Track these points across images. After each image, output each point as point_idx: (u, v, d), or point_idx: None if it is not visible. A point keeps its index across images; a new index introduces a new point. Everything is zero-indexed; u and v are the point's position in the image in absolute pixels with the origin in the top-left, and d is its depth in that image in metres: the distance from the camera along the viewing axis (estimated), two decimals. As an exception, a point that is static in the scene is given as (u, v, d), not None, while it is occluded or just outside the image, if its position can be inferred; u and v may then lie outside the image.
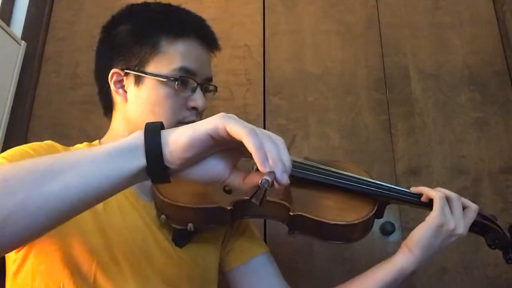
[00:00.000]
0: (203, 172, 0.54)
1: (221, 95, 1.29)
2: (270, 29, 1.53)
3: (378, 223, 1.24)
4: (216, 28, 0.90)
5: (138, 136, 0.51)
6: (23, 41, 1.54)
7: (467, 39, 1.44)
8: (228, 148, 0.55)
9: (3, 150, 1.41)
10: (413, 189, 0.84)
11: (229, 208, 0.73)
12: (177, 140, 0.50)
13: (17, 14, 1.63)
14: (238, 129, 0.49)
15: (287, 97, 1.44)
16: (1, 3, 1.60)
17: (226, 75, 1.46)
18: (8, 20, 1.60)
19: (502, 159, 1.31)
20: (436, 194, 0.79)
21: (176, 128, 0.52)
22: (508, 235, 0.83)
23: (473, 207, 0.81)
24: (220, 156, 0.55)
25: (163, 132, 0.51)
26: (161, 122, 0.53)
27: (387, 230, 1.24)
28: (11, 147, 1.42)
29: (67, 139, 1.47)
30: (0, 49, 1.44)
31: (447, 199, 0.79)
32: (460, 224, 0.77)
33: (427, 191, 0.81)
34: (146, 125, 0.53)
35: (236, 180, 0.56)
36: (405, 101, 1.40)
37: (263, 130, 0.52)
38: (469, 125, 1.35)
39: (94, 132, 1.45)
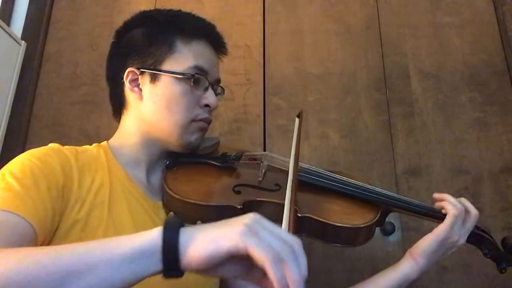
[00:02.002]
0: (219, 274, 0.51)
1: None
2: (270, 29, 1.53)
3: (378, 223, 1.24)
4: (216, 28, 0.90)
5: (156, 238, 0.49)
6: (23, 41, 1.54)
7: (467, 39, 1.44)
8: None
9: (3, 150, 1.42)
10: (437, 195, 0.86)
11: (239, 207, 0.75)
12: (196, 253, 0.47)
13: (17, 14, 1.63)
14: (260, 256, 0.46)
15: (287, 97, 1.44)
16: (1, 3, 1.60)
17: (226, 75, 1.45)
18: (8, 20, 1.60)
19: (502, 159, 1.31)
20: (452, 211, 0.81)
21: (197, 231, 0.49)
22: (500, 247, 0.87)
23: (473, 215, 0.84)
24: (237, 260, 0.50)
25: (181, 237, 0.48)
26: (181, 223, 0.50)
27: (387, 230, 1.24)
28: (11, 147, 1.44)
29: (67, 139, 1.47)
30: (0, 49, 1.44)
31: (464, 215, 0.82)
32: (462, 237, 0.82)
33: (446, 204, 0.83)
34: (164, 225, 0.50)
35: (253, 283, 0.52)
36: (405, 101, 1.40)
37: (284, 237, 0.48)
38: (469, 125, 1.35)
39: (94, 132, 1.45)
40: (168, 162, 0.84)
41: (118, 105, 0.88)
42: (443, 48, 1.44)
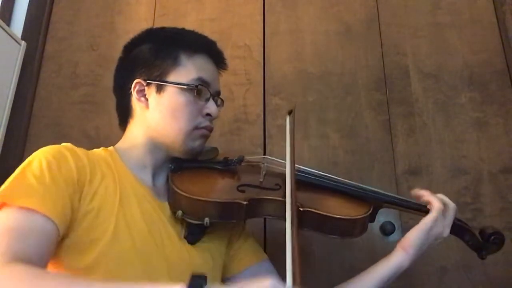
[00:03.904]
0: None
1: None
2: (270, 29, 1.53)
3: (378, 223, 1.24)
4: (216, 28, 0.91)
5: None
6: (23, 41, 1.54)
7: (467, 39, 1.44)
8: None
9: (3, 150, 1.42)
10: (415, 192, 0.93)
11: (244, 203, 0.81)
12: None
13: (17, 14, 1.63)
14: None
15: (287, 97, 1.44)
16: (1, 3, 1.60)
17: (226, 75, 1.45)
18: (8, 20, 1.60)
19: (502, 159, 1.31)
20: (436, 204, 0.88)
21: None
22: (479, 237, 0.94)
23: (452, 208, 0.90)
24: None
25: None
26: (205, 278, 0.54)
27: (387, 230, 1.24)
28: (11, 147, 1.44)
29: (67, 139, 1.45)
30: (0, 49, 1.44)
31: (444, 208, 0.89)
32: (446, 229, 0.89)
33: (428, 197, 0.90)
34: (188, 284, 0.53)
35: None
36: (405, 101, 1.40)
37: None
38: (469, 125, 1.35)
39: (94, 132, 1.45)
40: (173, 167, 0.89)
41: (124, 114, 0.93)
42: (443, 48, 1.44)
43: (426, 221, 0.87)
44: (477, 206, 1.26)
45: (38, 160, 0.73)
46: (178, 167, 0.88)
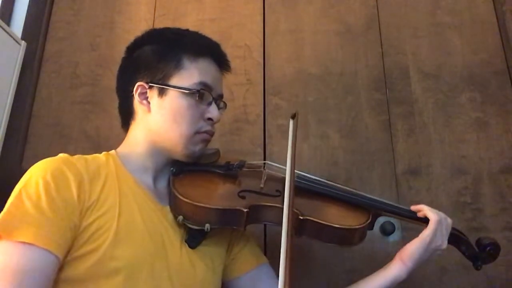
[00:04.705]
0: None
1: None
2: (270, 29, 1.53)
3: (378, 223, 1.24)
4: (216, 28, 0.91)
5: None
6: (23, 41, 1.54)
7: (467, 39, 1.44)
8: None
9: (3, 150, 1.42)
10: (414, 207, 0.93)
11: (245, 210, 0.81)
12: None
13: (17, 14, 1.63)
14: None
15: (287, 97, 1.44)
16: (1, 3, 1.60)
17: (226, 75, 1.46)
18: (8, 20, 1.60)
19: (502, 159, 1.31)
20: (434, 217, 0.89)
21: None
22: (475, 247, 0.94)
23: (449, 221, 0.92)
24: None
25: None
26: None
27: (387, 230, 1.24)
28: (11, 147, 1.44)
29: (67, 139, 1.47)
30: (0, 49, 1.44)
31: (440, 222, 0.89)
32: (444, 241, 0.90)
33: (427, 211, 0.90)
34: None
35: None
36: (405, 101, 1.40)
37: None
38: (469, 125, 1.35)
39: (94, 132, 1.45)
40: (174, 170, 0.88)
41: (127, 116, 0.93)
42: (443, 48, 1.44)
43: (425, 235, 0.87)
44: (477, 206, 1.26)
45: (35, 181, 0.71)
46: (180, 170, 0.88)
